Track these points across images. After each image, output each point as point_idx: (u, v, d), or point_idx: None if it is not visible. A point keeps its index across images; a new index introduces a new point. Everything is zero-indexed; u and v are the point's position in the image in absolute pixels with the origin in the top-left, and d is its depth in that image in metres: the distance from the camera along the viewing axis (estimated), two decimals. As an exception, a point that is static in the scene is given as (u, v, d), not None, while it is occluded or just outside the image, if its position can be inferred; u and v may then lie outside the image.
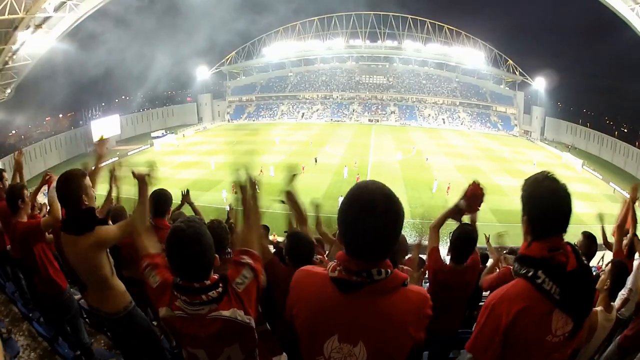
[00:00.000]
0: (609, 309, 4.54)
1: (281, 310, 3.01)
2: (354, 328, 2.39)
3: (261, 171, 52.85)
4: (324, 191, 47.72)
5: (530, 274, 2.68)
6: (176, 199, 7.44)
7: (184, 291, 2.92)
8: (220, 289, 2.95)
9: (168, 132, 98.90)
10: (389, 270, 2.37)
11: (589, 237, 6.38)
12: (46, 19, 51.97)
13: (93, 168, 6.60)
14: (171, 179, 54.04)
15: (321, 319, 2.45)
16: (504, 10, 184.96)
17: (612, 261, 5.35)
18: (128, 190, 7.08)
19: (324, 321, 2.44)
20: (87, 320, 6.90)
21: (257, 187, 3.76)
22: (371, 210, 2.25)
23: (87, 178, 4.54)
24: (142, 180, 4.44)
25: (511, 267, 4.36)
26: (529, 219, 2.82)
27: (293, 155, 68.52)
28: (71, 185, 4.39)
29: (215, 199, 44.02)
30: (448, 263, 5.88)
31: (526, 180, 2.90)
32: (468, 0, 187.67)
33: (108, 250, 4.60)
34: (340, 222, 2.37)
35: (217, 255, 3.09)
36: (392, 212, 2.29)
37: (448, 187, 49.71)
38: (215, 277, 3.01)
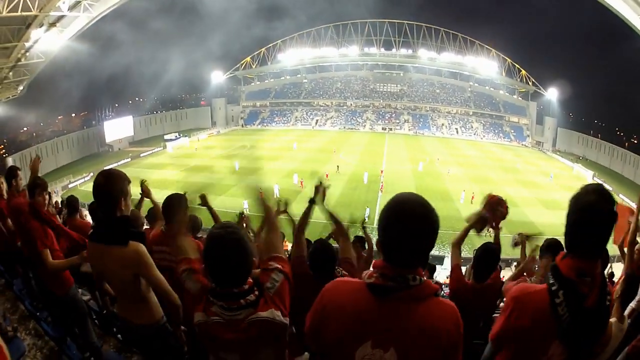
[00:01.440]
0: (622, 319, 4.32)
1: (300, 310, 3.04)
2: (387, 333, 2.42)
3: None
4: (336, 199, 47.43)
5: (554, 288, 2.68)
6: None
7: (223, 297, 2.90)
8: (257, 292, 2.95)
9: (181, 135, 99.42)
10: (423, 278, 2.44)
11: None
12: (60, 17, 52.00)
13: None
14: (183, 182, 54.55)
15: (355, 325, 2.48)
16: (518, 20, 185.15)
17: (624, 272, 5.28)
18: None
19: (358, 327, 2.47)
20: (96, 321, 6.84)
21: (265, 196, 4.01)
22: (412, 219, 2.36)
23: (130, 184, 4.24)
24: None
25: (527, 281, 4.71)
26: (566, 232, 2.79)
27: (312, 163, 68.68)
28: (113, 185, 4.06)
29: (227, 203, 43.56)
30: (469, 280, 5.84)
31: (580, 188, 2.83)
32: (482, 9, 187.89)
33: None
34: (381, 230, 2.46)
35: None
36: (431, 221, 2.38)
37: (472, 197, 49.73)
38: (251, 280, 3.01)
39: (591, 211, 2.63)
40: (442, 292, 10.79)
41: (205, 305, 2.95)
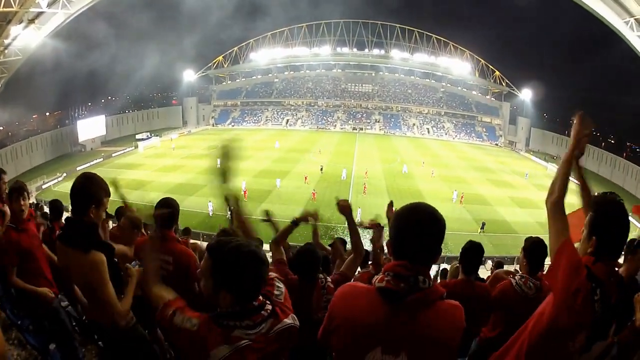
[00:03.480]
0: None
1: None
2: (398, 339, 2.53)
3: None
4: (307, 199, 48.20)
5: (593, 286, 2.81)
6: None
7: (248, 314, 2.77)
8: (268, 302, 2.90)
9: (153, 134, 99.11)
10: (431, 281, 2.58)
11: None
12: (39, 14, 51.95)
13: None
14: (156, 182, 54.92)
15: (365, 333, 2.56)
16: (492, 22, 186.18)
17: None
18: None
19: (369, 333, 2.56)
20: (76, 328, 6.62)
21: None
22: (430, 219, 2.60)
23: (108, 199, 4.28)
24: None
25: (512, 281, 5.01)
26: (598, 241, 2.98)
27: (285, 163, 69.28)
28: (91, 189, 4.09)
29: (198, 203, 44.13)
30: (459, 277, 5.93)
31: (600, 198, 3.18)
32: (456, 11, 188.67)
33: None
34: (399, 228, 2.66)
35: None
36: (443, 224, 2.63)
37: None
38: None
39: (627, 222, 2.93)
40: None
41: (223, 335, 2.70)
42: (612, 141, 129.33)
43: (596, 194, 3.42)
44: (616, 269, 3.14)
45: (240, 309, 2.75)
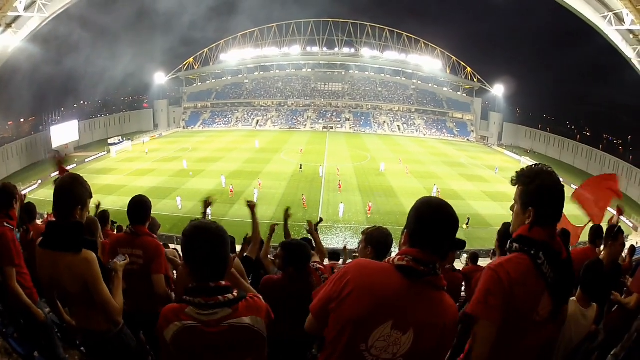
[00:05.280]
0: (585, 305, 4.55)
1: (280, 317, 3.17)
2: (410, 315, 2.61)
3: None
4: (279, 198, 48.47)
5: (532, 252, 2.95)
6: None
7: (200, 292, 2.78)
8: (236, 294, 2.87)
9: (125, 138, 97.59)
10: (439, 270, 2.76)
11: (563, 234, 6.53)
12: (16, 18, 51.54)
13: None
14: (129, 187, 54.38)
15: (382, 302, 2.61)
16: (463, 18, 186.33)
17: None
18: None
19: (385, 305, 2.61)
20: (58, 334, 6.42)
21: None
22: (452, 218, 2.75)
23: (91, 200, 4.26)
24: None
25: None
26: (537, 209, 3.06)
27: (255, 163, 69.38)
28: (77, 189, 4.07)
29: (172, 206, 44.61)
30: None
31: (529, 171, 3.17)
32: (427, 8, 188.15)
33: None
34: (420, 223, 2.77)
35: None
36: (457, 220, 2.79)
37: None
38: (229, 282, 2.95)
39: (561, 189, 3.06)
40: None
41: (176, 312, 2.80)
42: (588, 134, 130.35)
43: (522, 168, 3.33)
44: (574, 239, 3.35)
45: (196, 285, 2.81)
